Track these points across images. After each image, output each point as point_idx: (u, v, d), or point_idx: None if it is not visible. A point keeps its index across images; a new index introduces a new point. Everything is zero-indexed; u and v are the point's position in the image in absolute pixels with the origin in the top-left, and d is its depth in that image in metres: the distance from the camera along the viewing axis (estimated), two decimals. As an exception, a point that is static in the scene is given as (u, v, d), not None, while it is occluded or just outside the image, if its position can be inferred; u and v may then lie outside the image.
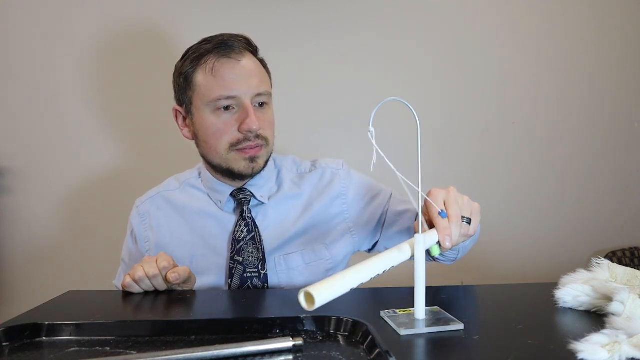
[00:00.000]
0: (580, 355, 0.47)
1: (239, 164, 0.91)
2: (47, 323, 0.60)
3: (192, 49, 0.93)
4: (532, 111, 1.69)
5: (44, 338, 0.60)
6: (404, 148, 1.59)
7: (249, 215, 0.94)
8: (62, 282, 1.43)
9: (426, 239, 0.61)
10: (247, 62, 0.92)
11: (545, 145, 1.70)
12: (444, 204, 0.68)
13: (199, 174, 1.02)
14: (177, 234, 0.97)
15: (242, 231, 0.93)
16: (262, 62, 0.98)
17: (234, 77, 0.89)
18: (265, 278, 0.91)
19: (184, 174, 1.05)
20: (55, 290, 0.80)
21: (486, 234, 1.67)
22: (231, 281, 0.91)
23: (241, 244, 0.92)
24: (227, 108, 0.90)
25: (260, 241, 0.92)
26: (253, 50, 0.96)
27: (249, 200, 0.95)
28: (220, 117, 0.90)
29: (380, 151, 0.60)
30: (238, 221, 0.94)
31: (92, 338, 0.59)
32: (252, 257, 0.91)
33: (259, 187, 0.97)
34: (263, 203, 0.96)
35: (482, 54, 1.66)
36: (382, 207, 0.99)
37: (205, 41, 0.93)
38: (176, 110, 0.99)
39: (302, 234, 0.96)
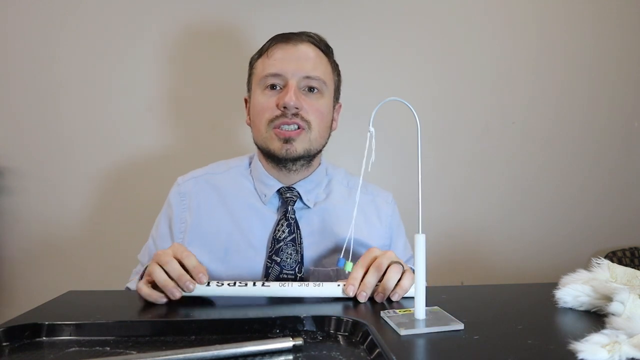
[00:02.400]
0: (580, 355, 0.47)
1: (274, 144, 0.90)
2: (47, 323, 0.60)
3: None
4: (532, 111, 1.69)
5: (44, 338, 0.59)
6: (404, 148, 1.60)
7: (293, 217, 0.91)
8: (62, 282, 1.44)
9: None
10: (306, 49, 0.92)
11: (545, 145, 1.70)
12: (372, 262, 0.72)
13: (249, 163, 1.01)
14: (217, 221, 0.93)
15: (283, 231, 0.90)
16: (331, 61, 0.97)
17: (285, 56, 0.90)
18: (301, 281, 0.88)
19: (233, 160, 1.03)
20: (55, 290, 0.80)
21: (486, 233, 1.68)
22: (267, 280, 0.87)
23: (281, 244, 0.89)
24: (273, 87, 0.91)
25: (301, 244, 0.89)
26: (320, 46, 0.95)
27: (295, 201, 0.93)
28: (265, 95, 0.91)
29: (370, 153, 0.60)
30: (280, 220, 0.91)
31: (92, 338, 0.59)
32: (291, 258, 0.88)
33: (307, 190, 0.95)
34: (308, 207, 0.94)
35: (482, 54, 1.66)
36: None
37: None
38: (245, 100, 1.01)
39: (340, 250, 0.91)
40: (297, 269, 0.88)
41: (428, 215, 1.52)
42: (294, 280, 0.88)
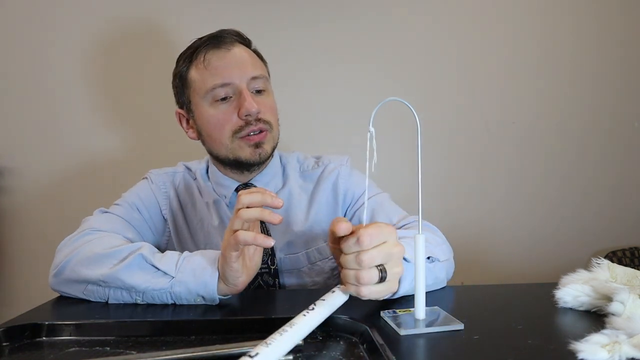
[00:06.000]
0: (580, 355, 0.47)
1: (245, 152, 0.90)
2: (47, 323, 0.60)
3: (184, 50, 0.96)
4: (533, 111, 1.69)
5: (44, 338, 0.60)
6: (404, 148, 1.60)
7: None
8: (62, 282, 1.44)
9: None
10: (238, 50, 0.92)
11: (545, 146, 1.70)
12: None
13: (207, 168, 1.02)
14: (186, 222, 0.96)
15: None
16: (256, 52, 0.98)
17: (225, 64, 0.89)
18: (275, 273, 0.90)
19: (192, 163, 1.04)
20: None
21: (486, 234, 1.68)
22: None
23: None
24: (224, 99, 0.90)
25: (269, 235, 0.90)
26: (244, 42, 0.96)
27: None
28: (218, 108, 0.90)
29: (372, 153, 0.60)
30: None
31: (92, 338, 0.59)
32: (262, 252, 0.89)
33: (264, 183, 0.96)
34: None
35: (482, 54, 1.66)
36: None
37: (197, 40, 0.95)
38: (179, 114, 0.99)
39: (307, 232, 0.95)
40: (269, 261, 0.90)
41: (428, 216, 1.52)
42: (269, 272, 0.90)
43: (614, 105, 1.72)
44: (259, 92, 0.93)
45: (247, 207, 0.65)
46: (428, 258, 0.74)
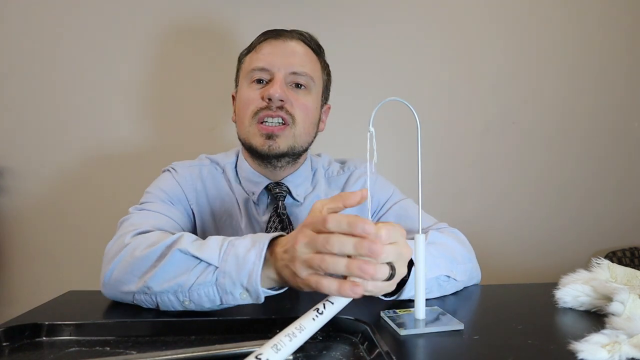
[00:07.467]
0: (580, 355, 0.47)
1: (257, 139, 0.88)
2: (47, 323, 0.60)
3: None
4: (533, 111, 1.69)
5: (44, 338, 0.59)
6: (403, 148, 1.60)
7: (284, 212, 0.90)
8: (62, 282, 1.44)
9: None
10: (296, 45, 0.92)
11: (545, 146, 1.70)
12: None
13: (236, 162, 0.99)
14: (213, 218, 0.92)
15: (275, 228, 0.88)
16: (321, 60, 0.97)
17: (273, 52, 0.90)
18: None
19: (218, 157, 1.00)
20: (55, 290, 0.80)
21: (486, 234, 1.68)
22: None
23: None
24: (259, 82, 0.90)
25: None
26: (310, 44, 0.95)
27: (285, 197, 0.92)
28: (251, 89, 0.91)
29: (372, 153, 0.60)
30: (272, 217, 0.89)
31: (92, 338, 0.59)
32: None
33: (296, 184, 0.94)
34: (298, 202, 0.93)
35: (482, 54, 1.66)
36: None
37: (268, 30, 0.96)
38: (233, 96, 1.01)
39: None
40: None
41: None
42: None
43: (614, 106, 1.72)
44: (298, 86, 0.91)
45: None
46: (447, 277, 0.72)
